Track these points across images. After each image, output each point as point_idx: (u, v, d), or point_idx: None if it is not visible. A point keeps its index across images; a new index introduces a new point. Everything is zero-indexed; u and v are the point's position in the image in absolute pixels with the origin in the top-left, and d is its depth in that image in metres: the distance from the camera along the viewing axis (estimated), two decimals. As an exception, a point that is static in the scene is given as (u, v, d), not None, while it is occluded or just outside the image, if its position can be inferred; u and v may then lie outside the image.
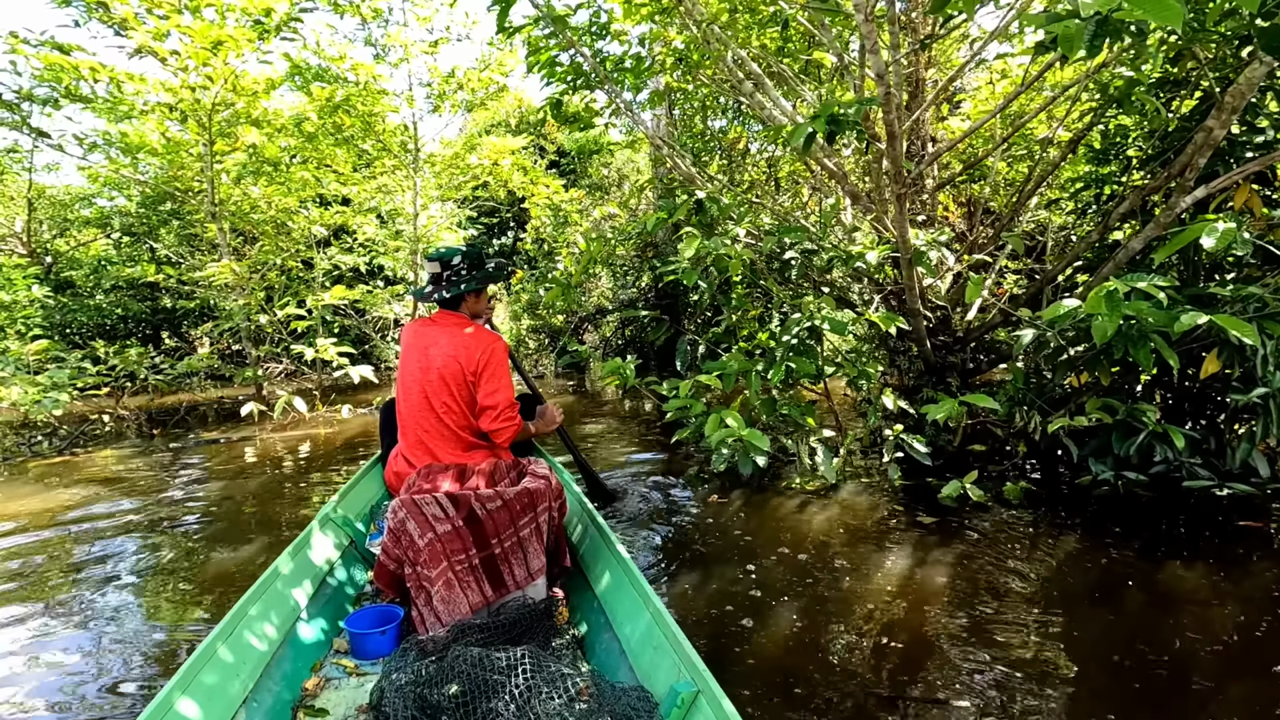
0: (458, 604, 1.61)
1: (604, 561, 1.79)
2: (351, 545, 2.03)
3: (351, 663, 1.57)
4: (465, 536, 1.64)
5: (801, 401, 3.45)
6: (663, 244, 7.97)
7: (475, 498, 1.65)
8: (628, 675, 1.40)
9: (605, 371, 3.07)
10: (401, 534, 1.63)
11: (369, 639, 1.59)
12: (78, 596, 2.36)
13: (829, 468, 3.09)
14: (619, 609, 1.60)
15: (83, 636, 2.07)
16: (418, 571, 1.62)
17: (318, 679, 1.49)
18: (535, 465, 1.87)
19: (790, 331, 3.25)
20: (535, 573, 1.73)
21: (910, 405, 3.28)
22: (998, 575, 2.27)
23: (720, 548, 2.59)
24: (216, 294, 6.74)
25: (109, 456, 4.59)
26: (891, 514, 2.88)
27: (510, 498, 1.68)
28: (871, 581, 2.24)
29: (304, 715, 1.36)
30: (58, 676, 1.85)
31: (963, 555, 2.43)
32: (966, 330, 3.89)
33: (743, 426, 2.84)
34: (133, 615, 2.22)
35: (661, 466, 3.82)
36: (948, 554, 2.45)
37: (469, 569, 1.64)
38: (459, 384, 2.08)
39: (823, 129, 2.53)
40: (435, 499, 1.63)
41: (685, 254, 3.15)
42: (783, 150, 6.45)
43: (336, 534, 2.00)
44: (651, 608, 1.45)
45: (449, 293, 2.20)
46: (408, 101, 6.53)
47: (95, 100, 4.89)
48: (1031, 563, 2.38)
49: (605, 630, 1.60)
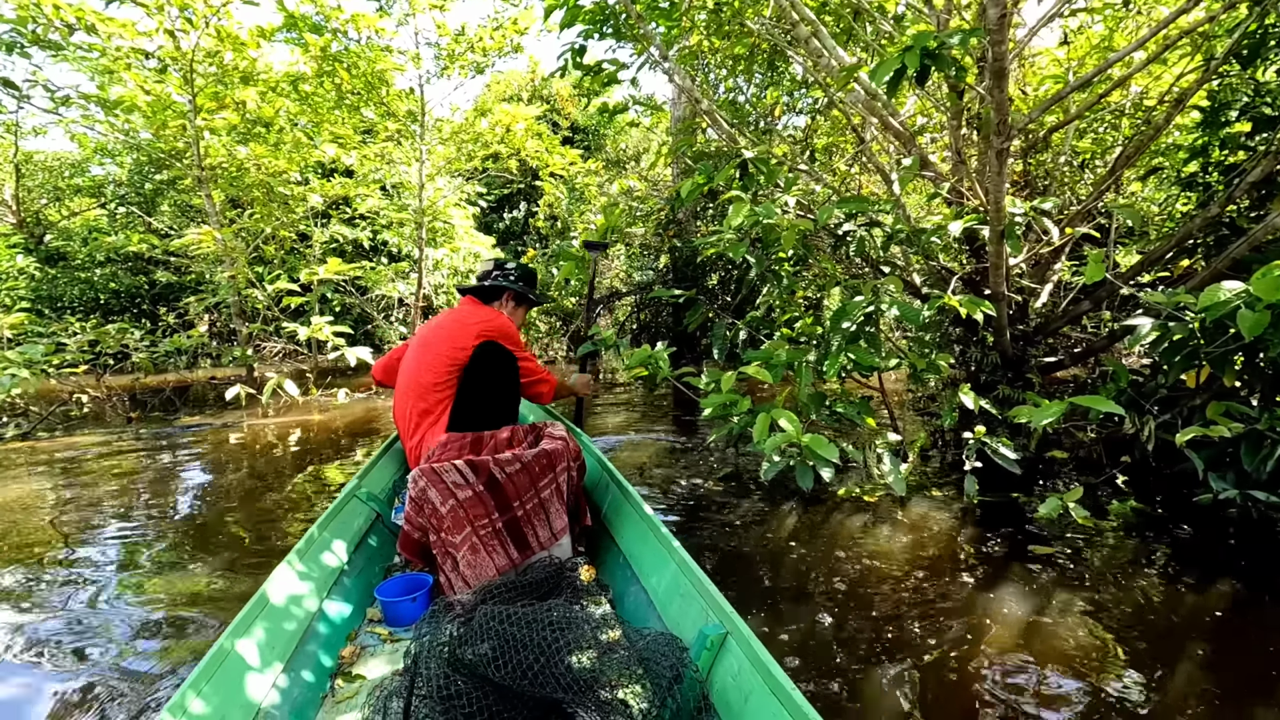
0: (484, 568, 1.63)
1: (627, 517, 1.79)
2: (378, 519, 2.04)
3: (385, 630, 1.59)
4: (486, 501, 1.64)
5: (855, 397, 2.97)
6: (686, 221, 7.45)
7: (494, 462, 1.65)
8: (657, 625, 1.40)
9: (633, 361, 2.60)
10: (424, 502, 1.64)
11: (400, 606, 1.61)
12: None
13: (898, 478, 2.61)
14: (645, 562, 1.60)
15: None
16: (442, 538, 1.63)
17: (353, 648, 1.52)
18: (552, 428, 1.88)
19: (850, 316, 2.75)
20: (559, 532, 1.73)
21: (991, 404, 2.78)
22: (1113, 622, 1.79)
23: (764, 574, 2.12)
24: (209, 267, 6.29)
25: (74, 443, 4.17)
26: (974, 536, 2.40)
27: (529, 460, 1.68)
28: (957, 626, 1.77)
29: (342, 681, 1.39)
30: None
31: (1068, 592, 1.94)
32: (1046, 318, 3.37)
33: (799, 430, 2.35)
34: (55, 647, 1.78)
35: (690, 466, 3.35)
36: (1050, 590, 1.97)
37: (493, 533, 1.65)
38: (454, 338, 2.11)
39: (915, 64, 2.02)
40: (454, 466, 1.63)
41: (732, 223, 2.66)
42: (823, 118, 5.90)
43: (363, 509, 2.02)
44: (677, 557, 1.44)
45: (488, 283, 2.37)
46: (413, 61, 6.01)
47: (68, 49, 4.41)
48: (1153, 606, 1.89)
49: (633, 583, 1.60)
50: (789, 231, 2.76)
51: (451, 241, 8.62)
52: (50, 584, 2.17)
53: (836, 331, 2.76)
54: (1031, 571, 2.12)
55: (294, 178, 5.38)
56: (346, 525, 1.88)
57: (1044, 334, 3.34)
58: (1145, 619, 1.84)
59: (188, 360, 6.46)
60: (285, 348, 7.00)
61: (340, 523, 1.86)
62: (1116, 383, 2.70)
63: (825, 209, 2.85)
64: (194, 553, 2.40)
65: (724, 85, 6.19)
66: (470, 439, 1.90)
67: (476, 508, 1.63)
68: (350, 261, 7.74)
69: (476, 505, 1.63)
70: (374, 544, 1.95)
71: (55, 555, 2.40)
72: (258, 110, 5.35)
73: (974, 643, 1.72)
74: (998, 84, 2.17)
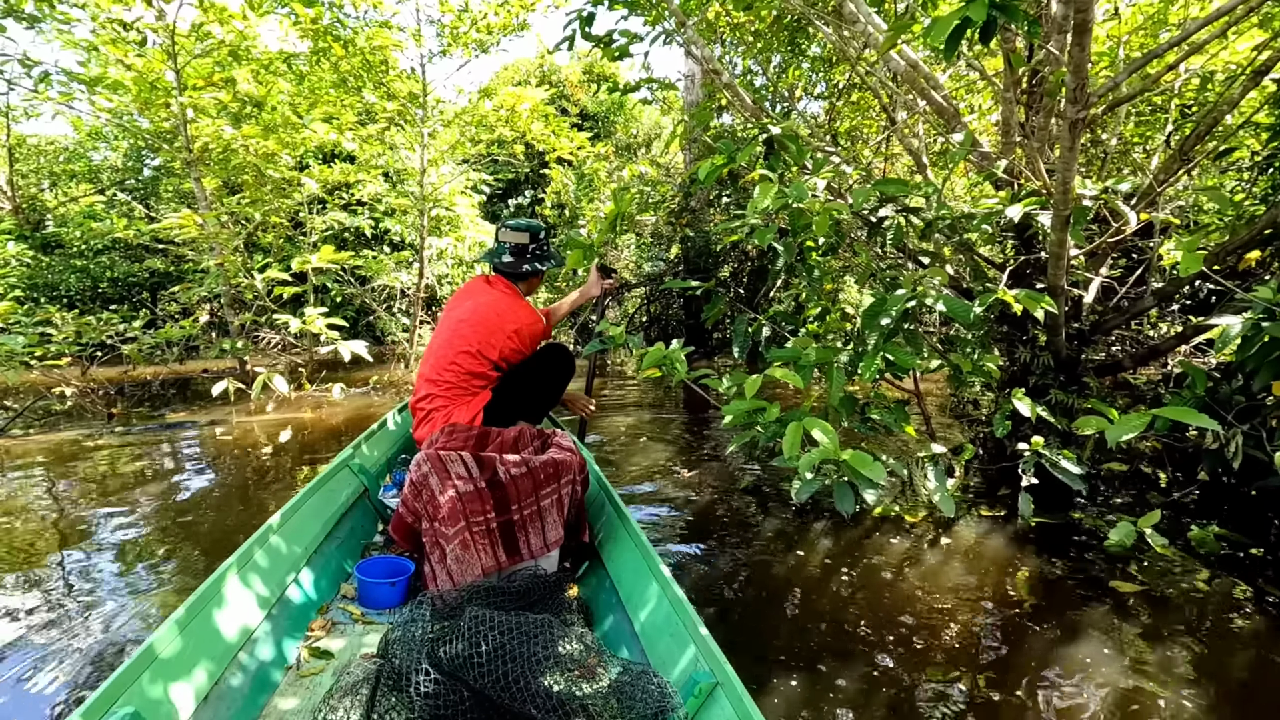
0: (471, 565, 1.59)
1: (620, 542, 1.72)
2: (365, 494, 2.01)
3: (358, 610, 1.56)
4: (486, 498, 1.60)
5: (889, 401, 2.66)
6: (699, 209, 7.12)
7: (500, 461, 1.62)
8: (637, 657, 1.35)
9: (647, 363, 2.31)
10: (423, 488, 1.61)
11: (378, 589, 1.57)
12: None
13: (945, 496, 2.30)
14: (633, 591, 1.52)
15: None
16: (435, 528, 1.61)
17: (323, 621, 1.48)
18: (560, 438, 1.83)
19: (888, 311, 2.44)
20: (551, 544, 1.68)
21: (1048, 412, 2.47)
22: (1211, 692, 1.49)
23: (791, 609, 1.83)
24: (203, 255, 6.03)
25: (45, 442, 3.93)
26: (1037, 569, 2.10)
27: (536, 465, 1.64)
28: (1026, 683, 1.47)
29: (309, 654, 1.36)
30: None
31: (1155, 646, 1.64)
32: (1101, 316, 3.05)
33: (836, 443, 2.05)
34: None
35: (705, 476, 3.06)
36: (1136, 644, 1.67)
37: (485, 532, 1.61)
38: (486, 331, 2.13)
39: (982, 15, 1.70)
40: (461, 457, 1.60)
41: (759, 205, 2.35)
42: (846, 100, 5.57)
43: (352, 480, 1.99)
44: (670, 593, 1.37)
45: (526, 267, 2.30)
46: (414, 38, 5.70)
47: (45, 20, 4.14)
48: (1270, 669, 1.59)
49: (616, 610, 1.54)
50: (822, 216, 2.45)
51: (456, 230, 8.33)
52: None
53: (873, 328, 2.46)
54: (1109, 615, 1.81)
55: (286, 160, 5.09)
56: (334, 495, 1.86)
57: (1100, 332, 3.02)
58: (1257, 692, 1.53)
59: (179, 352, 6.21)
60: (284, 340, 6.74)
61: (329, 491, 1.83)
62: (1193, 390, 2.38)
63: (860, 191, 2.54)
64: (154, 572, 2.14)
65: (741, 64, 5.85)
66: (477, 432, 1.88)
67: (475, 503, 1.59)
68: (352, 251, 7.47)
69: (475, 501, 1.59)
70: (357, 519, 1.92)
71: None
72: (250, 91, 5.07)
73: (1046, 707, 1.42)
74: (1078, 41, 1.84)
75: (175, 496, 2.88)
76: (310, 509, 1.70)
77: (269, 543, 1.46)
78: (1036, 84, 2.91)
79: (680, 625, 1.27)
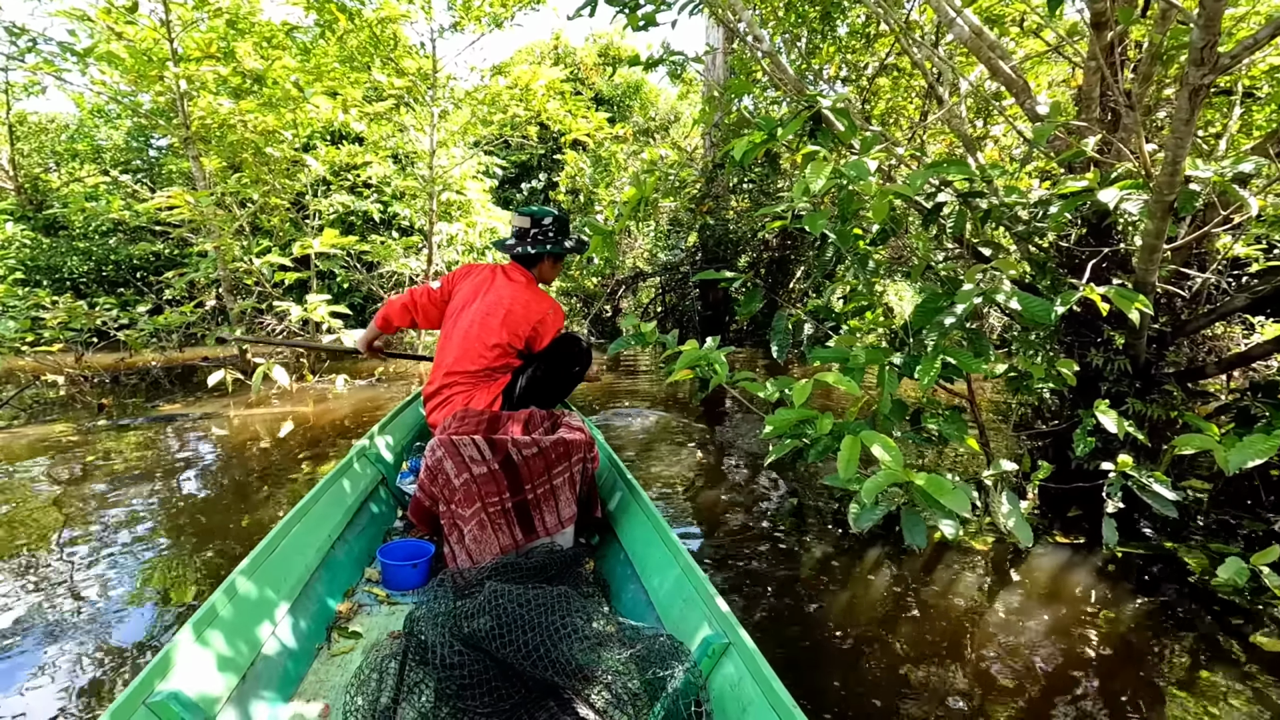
0: (488, 544, 1.63)
1: (633, 516, 1.75)
2: (383, 481, 2.07)
3: (383, 591, 1.58)
4: (500, 480, 1.63)
5: (944, 409, 2.37)
6: (721, 196, 6.80)
7: (512, 443, 1.64)
8: (653, 624, 1.36)
9: (681, 364, 2.03)
10: (438, 473, 1.64)
11: (401, 571, 1.60)
12: None
13: (1021, 522, 2.01)
14: (648, 562, 1.55)
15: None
16: (452, 510, 1.64)
17: (350, 604, 1.52)
18: (570, 418, 1.87)
19: (954, 310, 2.14)
20: (565, 521, 1.71)
21: (1134, 427, 2.17)
22: None
23: (851, 655, 1.55)
24: (202, 238, 5.79)
25: (26, 434, 3.71)
26: (1140, 613, 1.81)
27: (547, 445, 1.66)
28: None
29: (339, 635, 1.40)
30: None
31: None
32: (1186, 316, 2.73)
33: (900, 460, 1.76)
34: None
35: (735, 491, 2.78)
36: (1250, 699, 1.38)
37: (501, 512, 1.64)
38: (513, 325, 2.20)
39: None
40: (473, 441, 1.62)
41: (810, 186, 2.05)
42: (885, 77, 5.22)
43: (370, 468, 2.04)
44: (682, 561, 1.39)
45: (533, 249, 2.28)
46: (424, 11, 5.40)
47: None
48: None
49: (632, 581, 1.57)
50: (879, 200, 2.15)
51: (467, 216, 8.06)
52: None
53: (932, 328, 2.16)
54: (1239, 674, 1.52)
55: (286, 136, 4.82)
56: (353, 484, 1.90)
57: (1182, 334, 2.71)
58: None
59: (179, 339, 6.00)
60: (288, 327, 6.51)
61: (347, 480, 1.88)
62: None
63: (918, 173, 2.23)
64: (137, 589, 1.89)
65: (770, 39, 5.51)
66: (488, 416, 1.91)
67: (489, 485, 1.62)
68: (360, 235, 7.20)
69: (490, 483, 1.62)
70: (377, 505, 1.97)
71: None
72: (252, 67, 4.80)
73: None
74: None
75: (167, 497, 2.64)
76: (330, 498, 1.74)
77: (292, 532, 1.49)
78: (1124, 51, 2.58)
79: (692, 590, 1.31)
